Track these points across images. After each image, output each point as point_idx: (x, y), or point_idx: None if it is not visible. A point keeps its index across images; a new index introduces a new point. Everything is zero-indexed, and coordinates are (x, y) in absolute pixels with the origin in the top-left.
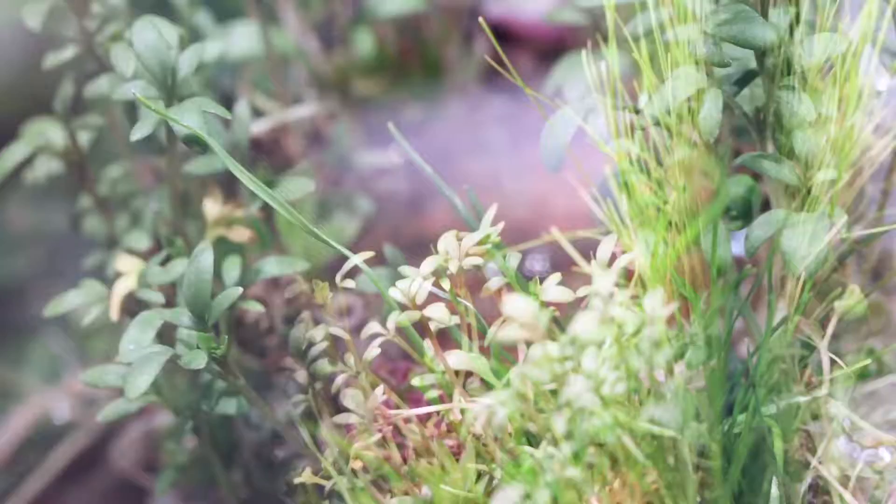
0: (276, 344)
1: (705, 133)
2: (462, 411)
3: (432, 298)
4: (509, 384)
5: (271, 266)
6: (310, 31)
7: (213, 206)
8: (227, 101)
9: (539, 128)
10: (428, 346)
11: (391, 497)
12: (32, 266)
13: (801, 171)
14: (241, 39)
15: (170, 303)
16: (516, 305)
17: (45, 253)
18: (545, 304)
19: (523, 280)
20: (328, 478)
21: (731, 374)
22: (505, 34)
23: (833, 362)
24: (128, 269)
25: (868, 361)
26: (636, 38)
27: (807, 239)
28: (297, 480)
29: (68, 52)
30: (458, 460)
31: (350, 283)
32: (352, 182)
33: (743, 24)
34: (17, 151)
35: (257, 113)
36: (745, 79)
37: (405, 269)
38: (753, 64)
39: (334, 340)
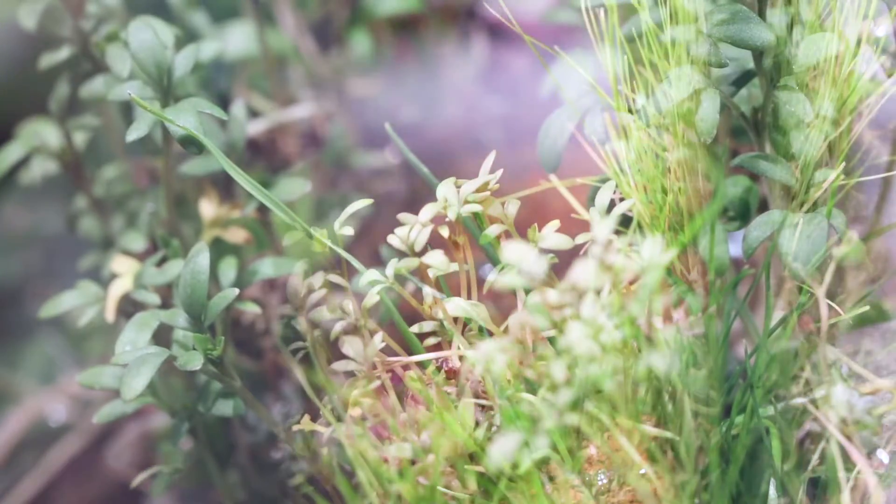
0: (272, 345)
1: (703, 133)
2: (461, 358)
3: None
4: (508, 331)
5: (267, 267)
6: (306, 31)
7: (209, 207)
8: (224, 102)
9: (536, 127)
10: (427, 293)
11: (390, 444)
12: (28, 267)
13: (798, 172)
14: (238, 39)
15: (166, 304)
16: (515, 252)
17: (40, 254)
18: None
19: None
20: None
21: (730, 374)
22: (502, 34)
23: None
24: (124, 271)
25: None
26: (634, 38)
27: (805, 239)
28: (295, 428)
29: (64, 53)
30: (457, 407)
31: (349, 231)
32: (348, 182)
33: (740, 24)
34: (12, 152)
35: (254, 113)
36: (743, 79)
37: (403, 217)
38: (751, 64)
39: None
